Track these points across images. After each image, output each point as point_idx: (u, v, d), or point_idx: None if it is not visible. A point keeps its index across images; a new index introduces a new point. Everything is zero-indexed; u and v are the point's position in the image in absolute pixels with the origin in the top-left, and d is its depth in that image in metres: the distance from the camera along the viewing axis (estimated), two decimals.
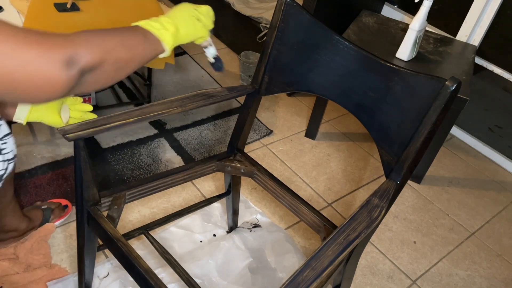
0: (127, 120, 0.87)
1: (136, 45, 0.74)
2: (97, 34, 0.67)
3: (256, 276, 1.35)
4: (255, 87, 1.08)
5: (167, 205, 1.55)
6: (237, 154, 1.18)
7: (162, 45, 0.79)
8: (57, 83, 0.60)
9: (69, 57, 0.60)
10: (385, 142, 0.91)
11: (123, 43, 0.70)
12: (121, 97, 1.98)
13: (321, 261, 0.67)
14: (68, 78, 0.60)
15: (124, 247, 0.88)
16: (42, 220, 1.35)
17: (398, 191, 0.88)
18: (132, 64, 0.73)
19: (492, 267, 1.59)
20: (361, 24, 1.94)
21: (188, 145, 1.82)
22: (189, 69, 2.31)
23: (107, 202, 1.00)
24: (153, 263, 1.33)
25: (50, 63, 0.58)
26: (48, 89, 0.60)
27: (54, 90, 0.61)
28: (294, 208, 1.08)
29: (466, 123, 2.20)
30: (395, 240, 1.61)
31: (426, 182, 1.90)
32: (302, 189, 1.74)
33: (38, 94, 0.60)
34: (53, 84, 0.60)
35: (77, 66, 0.61)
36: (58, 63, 0.59)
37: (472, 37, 2.00)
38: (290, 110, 2.17)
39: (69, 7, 1.58)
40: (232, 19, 2.46)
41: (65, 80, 0.60)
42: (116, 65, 0.69)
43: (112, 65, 0.68)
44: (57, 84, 0.60)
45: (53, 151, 1.65)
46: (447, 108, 0.80)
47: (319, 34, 0.97)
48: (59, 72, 0.59)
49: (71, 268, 1.29)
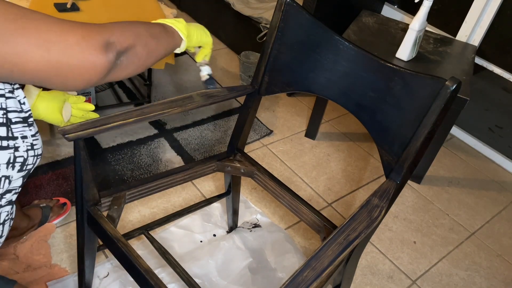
0: (127, 120, 0.87)
1: (160, 34, 0.81)
2: (127, 23, 0.73)
3: (256, 276, 1.35)
4: (255, 87, 1.08)
5: (167, 205, 1.55)
6: (237, 154, 1.18)
7: (179, 34, 0.87)
8: (98, 66, 0.65)
9: (107, 41, 0.65)
10: (385, 142, 0.91)
11: (149, 31, 0.77)
12: (121, 97, 1.98)
13: (321, 261, 0.67)
14: (107, 60, 0.65)
15: (124, 247, 0.88)
16: (42, 218, 1.35)
17: (398, 191, 0.88)
18: (158, 51, 0.79)
19: (492, 267, 1.59)
20: (361, 24, 1.94)
21: (188, 145, 1.82)
22: (189, 69, 2.31)
23: (107, 202, 1.00)
24: (153, 263, 1.33)
25: (91, 48, 0.63)
26: (90, 72, 0.65)
27: (95, 73, 0.65)
28: (294, 208, 1.08)
29: (466, 123, 2.20)
30: (395, 240, 1.61)
31: (426, 182, 1.90)
32: (302, 189, 1.74)
33: (80, 78, 0.65)
34: (95, 67, 0.64)
35: (114, 49, 0.67)
36: (98, 47, 0.64)
37: (472, 37, 2.00)
38: (290, 110, 2.17)
39: (69, 7, 1.58)
40: (232, 19, 2.46)
41: (105, 62, 0.65)
42: (146, 50, 0.75)
43: (142, 49, 0.73)
44: (98, 67, 0.65)
45: (53, 151, 1.65)
46: (447, 108, 0.80)
47: (319, 34, 0.97)
48: (100, 55, 0.64)
49: (71, 268, 1.29)
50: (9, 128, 0.71)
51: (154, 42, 0.77)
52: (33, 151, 0.76)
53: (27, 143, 0.74)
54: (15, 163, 0.73)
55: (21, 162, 0.73)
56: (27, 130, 0.74)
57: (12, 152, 0.71)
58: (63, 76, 0.64)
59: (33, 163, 0.77)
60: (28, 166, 0.76)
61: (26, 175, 0.77)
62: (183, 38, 0.88)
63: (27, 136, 0.74)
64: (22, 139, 0.73)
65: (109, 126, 0.85)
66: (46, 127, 1.74)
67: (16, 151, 0.72)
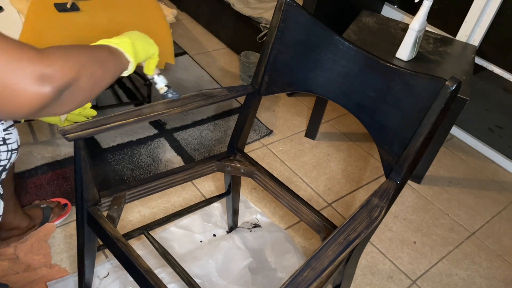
0: (127, 120, 0.87)
1: (106, 59, 0.73)
2: (71, 49, 0.64)
3: (256, 276, 1.35)
4: (255, 87, 1.08)
5: (167, 205, 1.55)
6: (237, 154, 1.18)
7: (126, 56, 0.79)
8: (29, 99, 0.56)
9: (44, 73, 0.56)
10: (385, 142, 0.91)
11: (95, 58, 0.69)
12: (121, 97, 1.98)
13: (321, 261, 0.67)
14: (41, 95, 0.56)
15: (124, 247, 0.88)
16: (43, 219, 1.35)
17: (398, 191, 0.88)
18: (105, 79, 0.71)
19: (492, 267, 1.59)
20: (361, 24, 1.94)
21: (188, 145, 1.82)
22: (189, 69, 2.31)
23: (107, 202, 1.00)
24: (153, 263, 1.33)
25: (21, 76, 0.55)
26: (19, 104, 0.56)
27: (26, 106, 0.56)
28: (294, 208, 1.08)
29: (466, 123, 2.20)
30: (395, 240, 1.61)
31: (426, 182, 1.90)
32: (302, 189, 1.74)
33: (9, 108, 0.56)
34: (25, 100, 0.56)
35: (53, 84, 0.57)
36: (30, 77, 0.55)
37: (472, 37, 2.00)
38: (290, 110, 2.17)
39: (69, 7, 1.58)
40: (232, 19, 2.46)
41: (38, 97, 0.56)
42: (92, 80, 0.66)
43: (88, 80, 0.65)
44: (28, 100, 0.56)
45: (53, 151, 1.65)
46: (447, 108, 0.80)
47: (319, 34, 0.97)
48: (30, 87, 0.55)
49: (71, 268, 1.29)
50: None
51: (101, 69, 0.69)
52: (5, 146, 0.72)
53: None
54: None
55: None
56: None
57: None
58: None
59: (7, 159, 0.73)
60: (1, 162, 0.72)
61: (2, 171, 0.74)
62: (130, 60, 0.80)
63: None
64: None
65: (109, 126, 0.85)
66: (46, 127, 1.74)
67: None
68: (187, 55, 2.42)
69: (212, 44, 2.61)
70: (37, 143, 1.67)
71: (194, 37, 2.65)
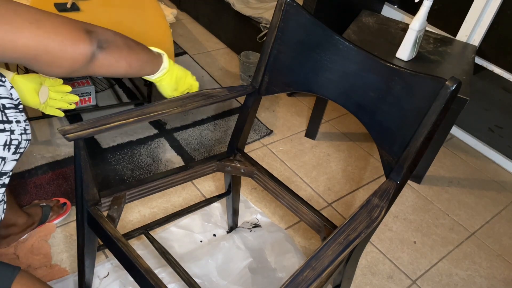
0: (127, 120, 0.87)
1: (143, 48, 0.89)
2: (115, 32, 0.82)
3: (256, 276, 1.35)
4: (255, 87, 1.08)
5: (167, 205, 1.55)
6: (237, 154, 1.18)
7: (162, 57, 0.95)
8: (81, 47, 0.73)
9: (89, 28, 0.75)
10: (385, 142, 0.91)
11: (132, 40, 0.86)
12: (121, 97, 1.98)
13: (321, 261, 0.67)
14: (90, 41, 0.74)
15: (124, 247, 0.88)
16: (42, 217, 1.35)
17: (398, 191, 0.88)
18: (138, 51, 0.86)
19: (492, 267, 1.59)
20: (361, 24, 1.94)
21: (188, 145, 1.82)
22: (189, 69, 2.30)
23: (107, 202, 1.00)
24: (153, 263, 1.33)
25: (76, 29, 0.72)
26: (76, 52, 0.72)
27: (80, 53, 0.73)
28: (294, 208, 1.08)
29: (466, 123, 2.20)
30: (395, 240, 1.61)
31: (426, 182, 1.90)
32: (302, 189, 1.74)
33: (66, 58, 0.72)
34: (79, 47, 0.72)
35: (95, 36, 0.75)
36: (83, 30, 0.73)
37: (472, 37, 2.00)
38: (290, 110, 2.17)
39: (69, 7, 1.58)
40: (232, 19, 2.46)
41: (88, 43, 0.73)
42: (127, 46, 0.83)
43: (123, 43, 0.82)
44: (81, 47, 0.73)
45: (53, 151, 1.65)
46: (447, 108, 0.80)
47: (319, 34, 0.97)
48: (83, 35, 0.73)
49: (71, 268, 1.29)
50: (3, 113, 0.75)
51: (134, 43, 0.86)
52: (26, 135, 0.81)
53: (21, 127, 0.79)
54: (11, 146, 0.77)
55: (16, 145, 0.78)
56: (20, 115, 0.79)
57: (8, 135, 0.76)
58: (51, 54, 0.70)
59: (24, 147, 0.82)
60: (20, 150, 0.80)
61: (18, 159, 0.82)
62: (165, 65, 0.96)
63: (20, 121, 0.79)
64: (16, 123, 0.78)
65: (109, 126, 0.85)
66: (46, 127, 1.74)
67: (12, 134, 0.77)
68: (187, 55, 2.42)
69: (212, 44, 2.61)
70: (37, 143, 1.67)
71: (194, 37, 2.65)
